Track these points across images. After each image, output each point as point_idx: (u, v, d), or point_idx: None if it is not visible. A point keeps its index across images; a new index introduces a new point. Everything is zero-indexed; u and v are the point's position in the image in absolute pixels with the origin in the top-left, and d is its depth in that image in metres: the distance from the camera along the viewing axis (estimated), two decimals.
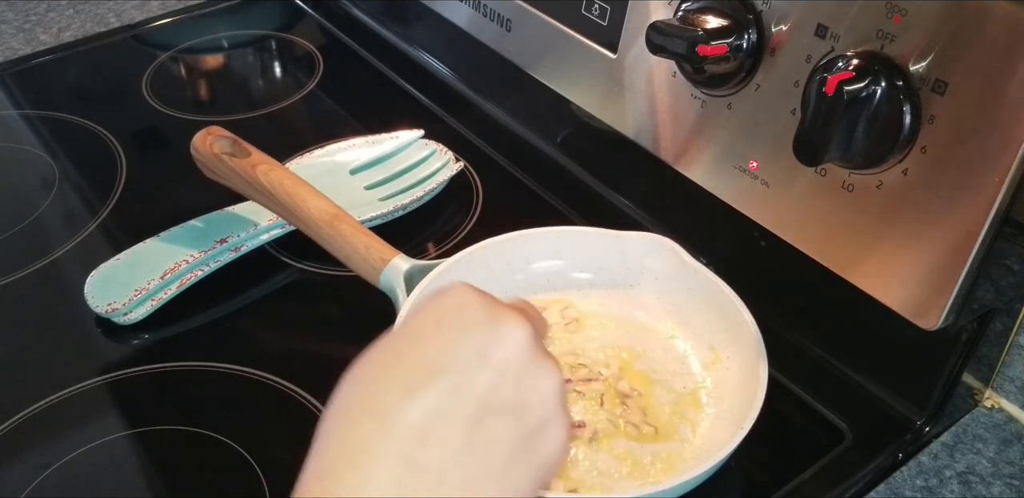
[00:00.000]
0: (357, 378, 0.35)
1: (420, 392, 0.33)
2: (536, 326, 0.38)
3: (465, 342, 0.35)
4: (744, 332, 0.57)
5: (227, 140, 0.66)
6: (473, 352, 0.34)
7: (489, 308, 0.36)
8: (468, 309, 0.36)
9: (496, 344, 0.35)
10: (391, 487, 0.32)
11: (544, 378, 0.36)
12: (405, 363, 0.34)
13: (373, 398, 0.33)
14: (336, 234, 0.62)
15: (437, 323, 0.35)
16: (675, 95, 0.60)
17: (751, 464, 0.57)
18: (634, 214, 0.73)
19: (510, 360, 0.35)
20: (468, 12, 0.77)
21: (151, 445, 0.59)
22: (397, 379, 0.33)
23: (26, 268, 0.71)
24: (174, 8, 1.04)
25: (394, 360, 0.34)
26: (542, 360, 0.36)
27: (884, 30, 0.47)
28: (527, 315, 0.38)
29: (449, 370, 0.34)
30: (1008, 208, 0.45)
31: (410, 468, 0.32)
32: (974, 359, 0.57)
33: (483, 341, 0.35)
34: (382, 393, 0.33)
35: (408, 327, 0.36)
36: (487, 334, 0.35)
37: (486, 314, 0.36)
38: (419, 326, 0.36)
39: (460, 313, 0.35)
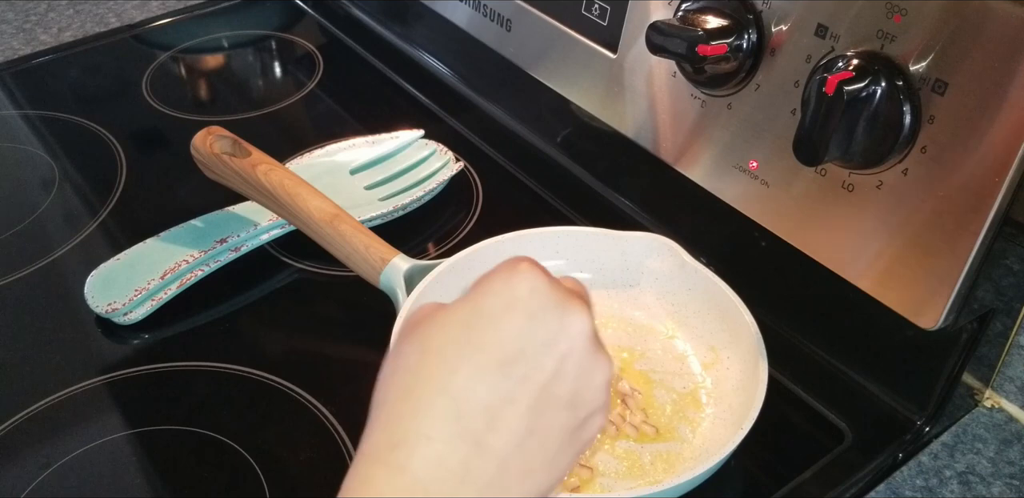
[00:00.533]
0: (429, 348, 0.36)
1: (493, 376, 0.34)
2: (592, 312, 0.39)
3: (535, 331, 0.36)
4: (744, 332, 0.58)
5: (227, 140, 0.66)
6: (541, 341, 0.35)
7: (557, 296, 0.37)
8: (539, 296, 0.36)
9: (562, 335, 0.36)
10: (459, 467, 0.33)
11: (599, 371, 0.37)
12: (478, 343, 0.35)
13: (447, 376, 0.34)
14: (336, 234, 0.62)
15: (509, 306, 0.36)
16: (675, 95, 0.60)
17: (751, 464, 0.57)
18: (634, 214, 0.73)
19: (573, 352, 0.36)
20: (468, 12, 0.77)
21: (151, 445, 0.59)
22: (471, 359, 0.34)
23: (26, 268, 0.71)
24: (174, 8, 1.04)
25: (467, 338, 0.35)
26: (599, 352, 0.37)
27: (884, 30, 0.47)
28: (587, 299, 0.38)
29: (520, 357, 0.35)
30: (1008, 208, 0.45)
31: (479, 450, 0.33)
32: (974, 359, 0.57)
33: (551, 331, 0.36)
34: (456, 372, 0.34)
35: (481, 304, 0.36)
36: (555, 324, 0.36)
37: (555, 302, 0.36)
38: (492, 306, 0.36)
39: (532, 298, 0.36)
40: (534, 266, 0.37)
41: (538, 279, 0.37)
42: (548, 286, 0.37)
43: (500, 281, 0.37)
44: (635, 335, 0.62)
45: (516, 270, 0.37)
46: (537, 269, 0.37)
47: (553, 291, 0.37)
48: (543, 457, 0.35)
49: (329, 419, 0.59)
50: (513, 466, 0.34)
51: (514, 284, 0.37)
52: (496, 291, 0.37)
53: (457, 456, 0.33)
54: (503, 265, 0.38)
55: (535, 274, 0.37)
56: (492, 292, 0.37)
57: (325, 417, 0.59)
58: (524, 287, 0.36)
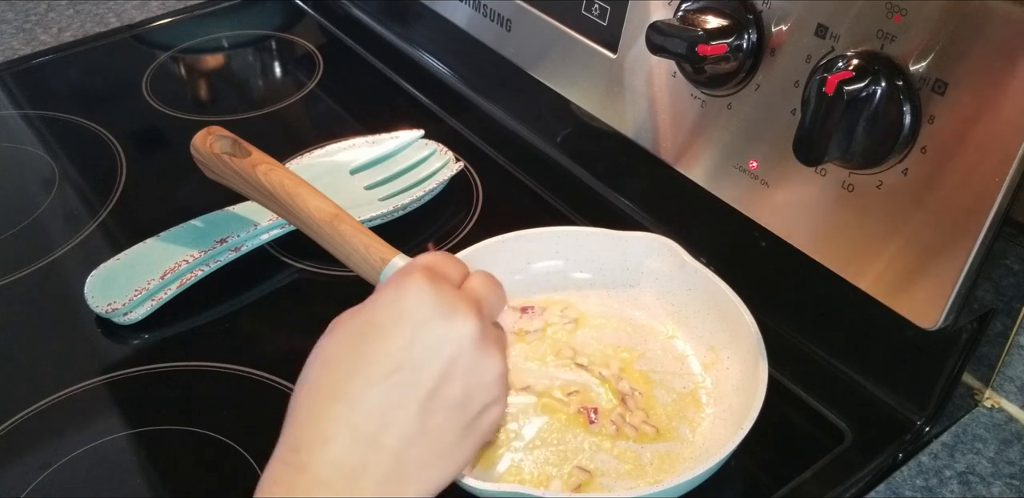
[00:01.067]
0: (328, 360, 0.39)
1: (384, 384, 0.38)
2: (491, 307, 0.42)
3: (421, 339, 0.39)
4: (744, 332, 0.58)
5: (227, 140, 0.66)
6: (428, 348, 0.39)
7: (443, 304, 0.40)
8: (425, 306, 0.39)
9: (448, 341, 0.39)
10: (357, 460, 0.37)
11: (489, 368, 0.41)
12: (370, 354, 0.38)
13: (342, 384, 0.38)
14: (336, 234, 0.62)
15: (397, 318, 0.39)
16: (675, 95, 0.60)
17: (751, 464, 0.57)
18: (634, 214, 0.73)
19: (460, 355, 0.39)
20: (468, 12, 0.77)
21: (151, 445, 0.59)
22: (363, 369, 0.38)
23: (26, 268, 0.71)
24: (174, 8, 1.04)
25: (361, 350, 0.39)
26: (487, 351, 0.40)
27: (884, 30, 0.47)
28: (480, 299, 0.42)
29: (407, 365, 0.38)
30: (1008, 208, 0.45)
31: (373, 446, 0.37)
32: (974, 359, 0.57)
33: (437, 338, 0.39)
34: (350, 380, 0.38)
35: (372, 316, 0.40)
36: (440, 331, 0.39)
37: (440, 311, 0.39)
38: (382, 318, 0.39)
39: (418, 309, 0.39)
40: (423, 276, 0.40)
41: (424, 290, 0.40)
42: (434, 295, 0.40)
43: (390, 293, 0.40)
44: (635, 335, 0.62)
45: (405, 281, 0.40)
46: (424, 279, 0.40)
47: (439, 299, 0.40)
48: (438, 450, 0.39)
49: None
50: (408, 461, 0.38)
51: (402, 296, 0.40)
52: (386, 303, 0.40)
53: (353, 455, 0.37)
54: (395, 276, 0.42)
55: (421, 284, 0.40)
56: (382, 304, 0.40)
57: None
58: (411, 298, 0.40)
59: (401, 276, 0.41)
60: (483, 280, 0.44)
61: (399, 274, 0.41)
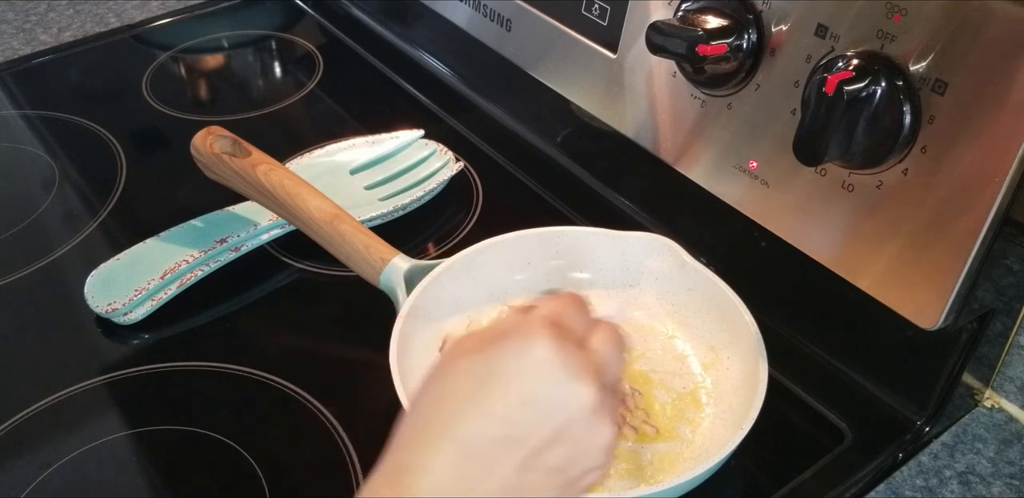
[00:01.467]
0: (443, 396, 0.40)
1: (492, 434, 0.38)
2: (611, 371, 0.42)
3: (539, 399, 0.39)
4: (744, 332, 0.57)
5: (227, 140, 0.66)
6: (544, 409, 0.39)
7: (567, 370, 0.39)
8: (550, 367, 0.39)
9: (564, 407, 0.39)
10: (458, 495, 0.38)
11: (598, 438, 0.40)
12: (486, 401, 0.39)
13: (454, 424, 0.38)
14: (336, 234, 0.62)
15: (520, 371, 0.39)
16: (675, 95, 0.60)
17: (751, 464, 0.57)
18: (634, 214, 0.73)
19: (573, 423, 0.39)
20: (468, 12, 0.77)
21: (151, 445, 0.59)
22: (476, 416, 0.39)
23: (26, 268, 0.71)
24: (174, 8, 1.04)
25: (478, 395, 0.39)
26: (600, 421, 0.40)
27: (884, 30, 0.47)
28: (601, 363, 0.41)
29: (520, 420, 0.39)
30: (1008, 208, 0.45)
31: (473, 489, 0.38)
32: (974, 359, 0.57)
33: (555, 402, 0.39)
34: (463, 423, 0.38)
35: (495, 362, 0.40)
36: (560, 396, 0.39)
37: (564, 376, 0.39)
38: (504, 368, 0.39)
39: (543, 369, 0.39)
40: (551, 334, 0.40)
41: (552, 350, 0.39)
42: (561, 358, 0.39)
43: (518, 343, 0.40)
44: (635, 335, 0.62)
45: (535, 336, 0.40)
46: (552, 338, 0.40)
47: (565, 364, 0.39)
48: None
49: (329, 419, 0.59)
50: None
51: (530, 350, 0.39)
52: (512, 352, 0.40)
53: (454, 491, 0.37)
54: (526, 324, 0.41)
55: (551, 343, 0.39)
56: (508, 352, 0.40)
57: (325, 417, 0.59)
58: (539, 355, 0.39)
59: (530, 329, 0.40)
60: (607, 339, 0.43)
61: (528, 324, 0.41)
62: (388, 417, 0.39)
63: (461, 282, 0.62)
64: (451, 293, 0.62)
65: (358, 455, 0.57)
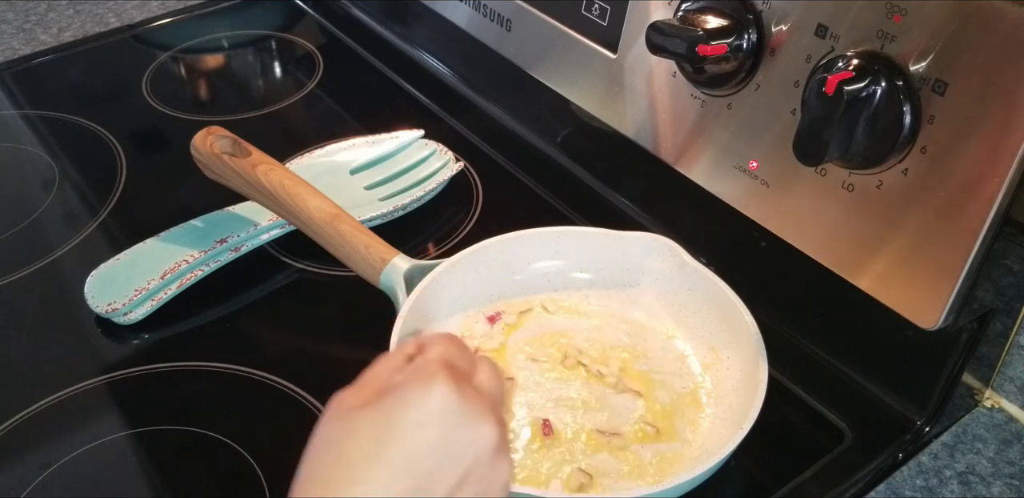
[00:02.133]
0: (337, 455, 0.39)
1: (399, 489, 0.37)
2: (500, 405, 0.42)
3: (443, 446, 0.39)
4: (744, 332, 0.58)
5: (227, 140, 0.66)
6: (448, 455, 0.39)
7: (468, 412, 0.39)
8: (451, 413, 0.39)
9: (469, 449, 0.39)
10: None
11: (502, 473, 0.40)
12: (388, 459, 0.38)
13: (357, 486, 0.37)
14: (336, 234, 0.62)
15: (420, 422, 0.39)
16: (675, 95, 0.60)
17: (751, 464, 0.57)
18: (634, 214, 0.73)
19: (478, 464, 0.39)
20: (468, 12, 0.77)
21: (151, 445, 0.59)
22: (380, 474, 0.38)
23: (26, 268, 0.71)
24: (174, 8, 1.04)
25: (376, 451, 0.38)
26: (502, 457, 0.40)
27: (884, 30, 0.47)
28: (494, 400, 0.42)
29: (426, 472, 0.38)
30: (1008, 208, 0.45)
31: None
32: (974, 359, 0.57)
33: (459, 446, 0.39)
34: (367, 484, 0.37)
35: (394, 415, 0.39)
36: (464, 439, 0.39)
37: (465, 419, 0.39)
38: (404, 420, 0.39)
39: (444, 416, 0.39)
40: (448, 378, 0.40)
41: (451, 395, 0.39)
42: (460, 402, 0.39)
43: (417, 392, 0.39)
44: (635, 335, 0.62)
45: (432, 382, 0.39)
46: (451, 382, 0.40)
47: (464, 406, 0.39)
48: None
49: None
50: None
51: (429, 399, 0.39)
52: (411, 403, 0.39)
53: None
54: (420, 371, 0.40)
55: (449, 389, 0.39)
56: (406, 403, 0.39)
57: None
58: (437, 403, 0.39)
59: (427, 376, 0.40)
60: (491, 374, 0.44)
61: (424, 371, 0.40)
62: None
63: (461, 282, 0.62)
64: (451, 293, 0.62)
65: None
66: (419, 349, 0.44)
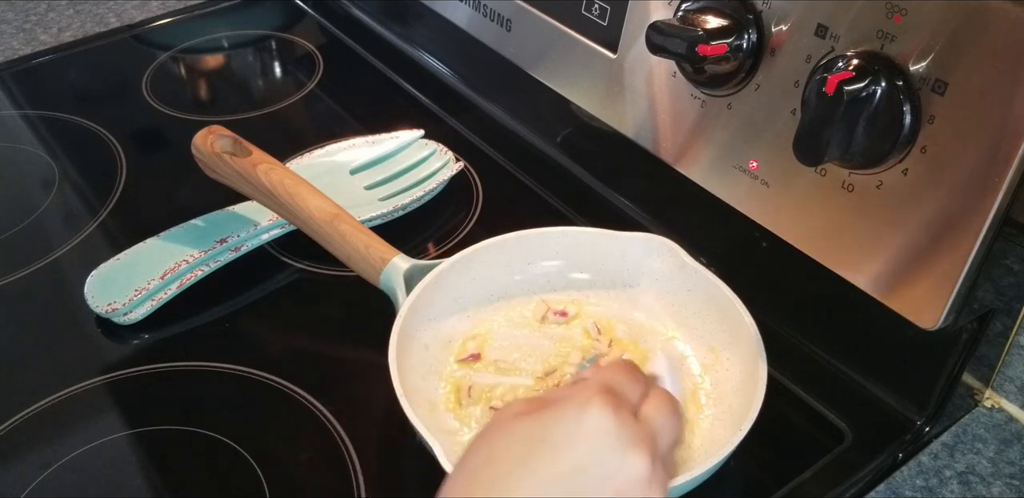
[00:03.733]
0: (494, 459, 0.39)
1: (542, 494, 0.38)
2: (665, 441, 0.42)
3: (591, 470, 0.38)
4: (744, 333, 0.57)
5: (228, 139, 0.66)
6: (594, 481, 0.38)
7: (622, 440, 0.39)
8: (604, 437, 0.39)
9: (619, 476, 0.39)
10: None
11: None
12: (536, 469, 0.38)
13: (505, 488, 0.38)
14: (336, 234, 0.62)
15: (572, 440, 0.39)
16: (675, 95, 0.60)
17: (751, 464, 0.57)
18: (634, 214, 0.73)
19: (623, 495, 0.39)
20: (468, 12, 0.77)
21: (151, 445, 0.59)
22: (527, 482, 0.38)
23: (26, 268, 0.71)
24: (174, 8, 1.04)
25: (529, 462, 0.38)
26: (651, 493, 0.39)
27: (884, 30, 0.47)
28: (655, 433, 0.41)
29: (570, 490, 0.38)
30: (1008, 208, 0.45)
31: None
32: (974, 359, 0.57)
33: (609, 471, 0.39)
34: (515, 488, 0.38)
35: (548, 429, 0.39)
36: (614, 466, 0.39)
37: (618, 446, 0.39)
38: (557, 435, 0.39)
39: (596, 438, 0.39)
40: (607, 402, 0.40)
41: (607, 418, 0.39)
42: (616, 428, 0.39)
43: (573, 411, 0.40)
44: (635, 335, 0.62)
45: (590, 403, 0.40)
46: (608, 406, 0.40)
47: (620, 433, 0.39)
48: None
49: (329, 419, 0.59)
50: None
51: (585, 418, 0.39)
52: (567, 419, 0.39)
53: None
54: (582, 391, 0.40)
55: (606, 411, 0.39)
56: (563, 418, 0.40)
57: (325, 417, 0.59)
58: (592, 425, 0.39)
59: (586, 396, 0.40)
60: (662, 407, 0.43)
61: (584, 391, 0.40)
62: (388, 417, 0.39)
63: (461, 282, 0.62)
64: (451, 293, 0.62)
65: (358, 455, 0.57)
66: (595, 372, 0.44)
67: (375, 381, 0.55)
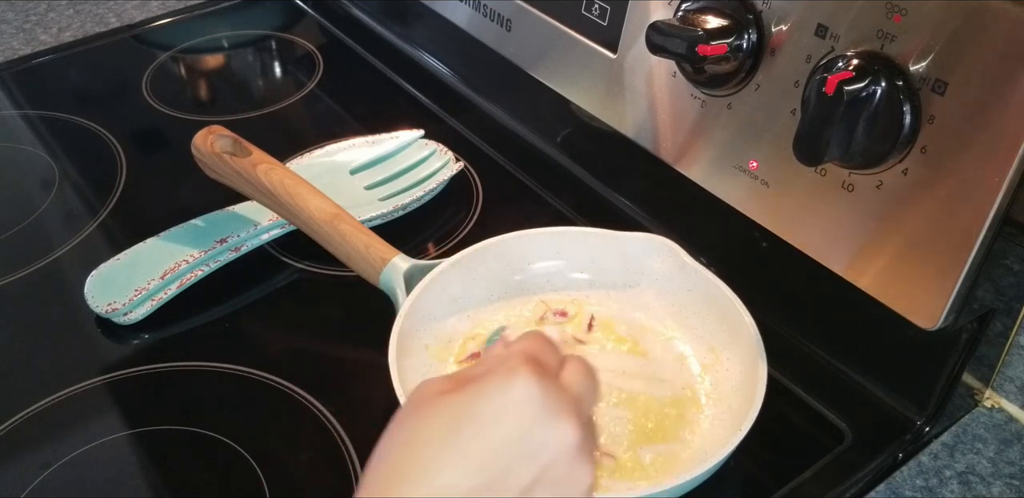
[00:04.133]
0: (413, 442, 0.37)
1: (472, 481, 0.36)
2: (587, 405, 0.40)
3: (520, 442, 0.37)
4: (744, 333, 0.57)
5: (228, 139, 0.66)
6: (524, 452, 0.37)
7: (549, 408, 0.38)
8: (530, 407, 0.37)
9: (547, 447, 0.37)
10: None
11: (580, 479, 0.38)
12: (462, 448, 0.37)
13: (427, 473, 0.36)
14: (336, 234, 0.62)
15: (499, 414, 0.37)
16: (675, 95, 0.60)
17: (751, 464, 0.57)
18: (634, 214, 0.73)
19: (555, 464, 0.37)
20: (468, 12, 0.77)
21: (151, 445, 0.59)
22: (452, 462, 0.36)
23: (26, 268, 0.71)
24: (174, 8, 1.04)
25: (452, 440, 0.37)
26: (582, 462, 0.38)
27: (884, 30, 0.47)
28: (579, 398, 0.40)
29: (500, 466, 0.36)
30: (1008, 208, 0.45)
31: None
32: (974, 359, 0.57)
33: (536, 443, 0.37)
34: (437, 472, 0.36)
35: (473, 405, 0.37)
36: (541, 437, 0.37)
37: (545, 415, 0.37)
38: (483, 410, 0.37)
39: (523, 409, 0.37)
40: (532, 371, 0.38)
41: (533, 388, 0.38)
42: (542, 396, 0.38)
43: (497, 384, 0.38)
44: (635, 335, 0.62)
45: (514, 375, 0.38)
46: (533, 375, 0.38)
47: (545, 402, 0.38)
48: None
49: (329, 419, 0.59)
50: None
51: (509, 390, 0.38)
52: (490, 394, 0.38)
53: None
54: (505, 362, 0.39)
55: (531, 382, 0.38)
56: (486, 394, 0.38)
57: (325, 417, 0.59)
58: (518, 395, 0.37)
59: (511, 366, 0.38)
60: (580, 371, 0.41)
61: (508, 362, 0.39)
62: (388, 417, 0.39)
63: (461, 282, 0.62)
64: (451, 293, 0.62)
65: (357, 455, 0.57)
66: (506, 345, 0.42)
67: (375, 381, 0.55)
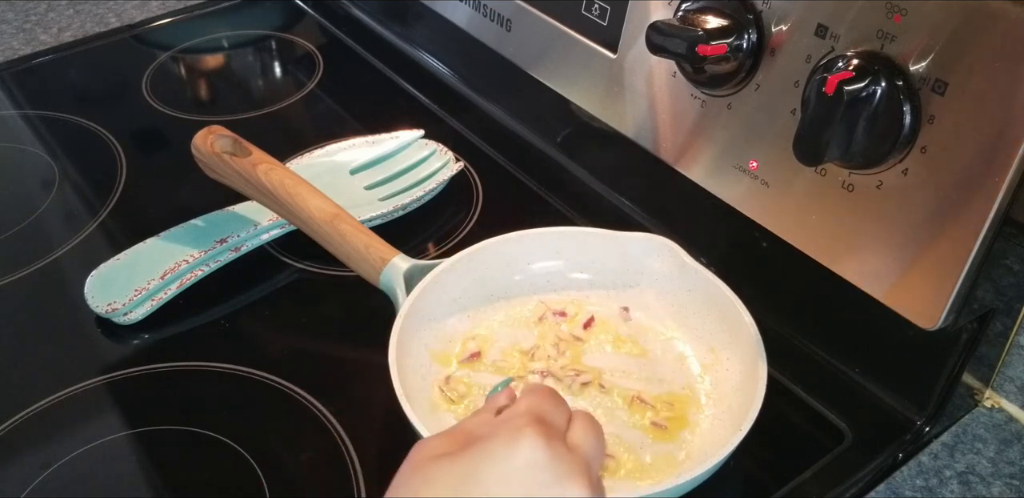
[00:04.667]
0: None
1: None
2: (597, 464, 0.39)
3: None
4: (744, 333, 0.57)
5: (228, 139, 0.66)
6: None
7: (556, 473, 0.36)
8: (537, 472, 0.36)
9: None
10: None
11: None
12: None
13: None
14: (336, 233, 0.62)
15: (505, 479, 0.36)
16: (675, 95, 0.60)
17: (751, 464, 0.57)
18: (634, 214, 0.73)
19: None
20: (468, 12, 0.77)
21: (151, 445, 0.59)
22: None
23: (26, 268, 0.71)
24: (174, 8, 1.04)
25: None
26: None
27: (884, 30, 0.47)
28: (588, 458, 0.38)
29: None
30: (1008, 208, 0.45)
31: None
32: (974, 359, 0.57)
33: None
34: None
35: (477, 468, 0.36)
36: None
37: (553, 481, 0.36)
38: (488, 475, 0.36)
39: (530, 475, 0.36)
40: (537, 433, 0.37)
41: (540, 452, 0.36)
42: (548, 460, 0.36)
43: (502, 446, 0.37)
44: (635, 335, 0.62)
45: (520, 437, 0.37)
46: (540, 437, 0.37)
47: (555, 467, 0.36)
48: None
49: (329, 419, 0.59)
50: None
51: (515, 455, 0.36)
52: (496, 459, 0.36)
53: None
54: (510, 423, 0.38)
55: (538, 445, 0.36)
56: (491, 458, 0.36)
57: (325, 417, 0.59)
58: (525, 460, 0.36)
59: (516, 428, 0.37)
60: (587, 429, 0.40)
61: (513, 422, 0.38)
62: (388, 417, 0.39)
63: (461, 282, 0.62)
64: (451, 293, 0.62)
65: (357, 455, 0.57)
66: (511, 400, 0.41)
67: (375, 381, 0.55)
